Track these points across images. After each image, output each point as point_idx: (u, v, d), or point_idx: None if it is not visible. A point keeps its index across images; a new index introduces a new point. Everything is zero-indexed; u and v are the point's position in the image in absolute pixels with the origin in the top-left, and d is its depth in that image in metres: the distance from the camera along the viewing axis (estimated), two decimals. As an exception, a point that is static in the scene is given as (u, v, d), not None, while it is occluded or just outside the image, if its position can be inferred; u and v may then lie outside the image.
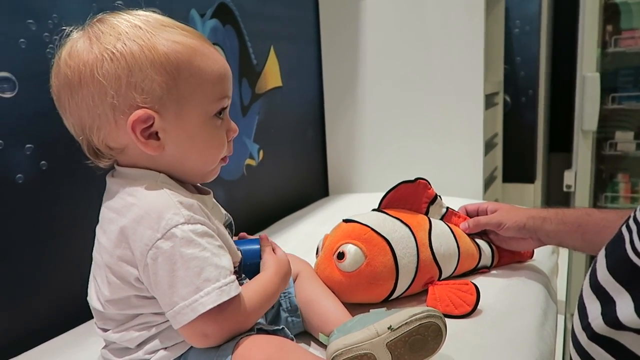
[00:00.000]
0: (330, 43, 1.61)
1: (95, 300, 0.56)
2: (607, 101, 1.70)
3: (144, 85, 0.49)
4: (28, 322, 0.79)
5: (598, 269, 0.45)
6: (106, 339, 0.57)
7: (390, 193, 0.81)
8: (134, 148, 0.52)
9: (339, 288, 0.72)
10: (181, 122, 0.52)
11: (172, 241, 0.48)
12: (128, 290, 0.52)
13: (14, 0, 0.75)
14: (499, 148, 1.83)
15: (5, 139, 0.74)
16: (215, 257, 0.49)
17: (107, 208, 0.54)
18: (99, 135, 0.51)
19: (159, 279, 0.48)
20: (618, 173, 1.86)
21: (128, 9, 0.55)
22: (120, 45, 0.48)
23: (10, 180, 0.75)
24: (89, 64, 0.48)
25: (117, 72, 0.48)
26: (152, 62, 0.49)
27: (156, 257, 0.48)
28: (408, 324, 0.56)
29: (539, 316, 0.74)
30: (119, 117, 0.49)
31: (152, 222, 0.48)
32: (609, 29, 1.71)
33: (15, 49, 0.75)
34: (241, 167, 1.28)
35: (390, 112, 1.55)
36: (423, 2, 1.46)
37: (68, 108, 0.51)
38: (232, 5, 1.22)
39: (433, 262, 0.77)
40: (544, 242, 0.80)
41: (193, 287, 0.47)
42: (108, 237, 0.52)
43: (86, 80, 0.49)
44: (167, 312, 0.49)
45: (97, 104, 0.49)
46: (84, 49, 0.49)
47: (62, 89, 0.51)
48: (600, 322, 0.41)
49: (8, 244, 0.76)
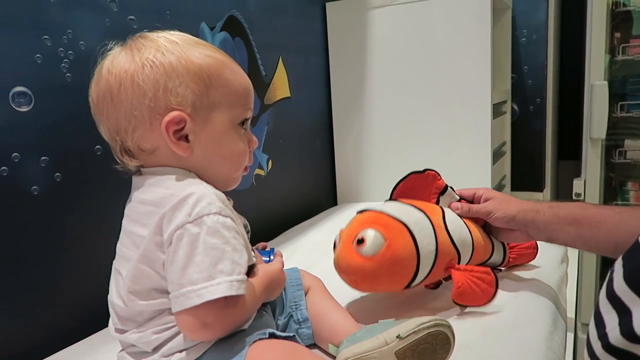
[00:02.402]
0: (338, 53, 1.62)
1: (116, 296, 0.57)
2: (616, 109, 1.70)
3: (179, 90, 0.53)
4: (42, 331, 0.80)
5: (615, 278, 0.44)
6: (123, 341, 0.58)
7: (400, 184, 0.81)
8: (164, 149, 0.55)
9: (362, 275, 0.71)
10: (209, 127, 0.56)
11: (200, 227, 0.50)
12: (153, 279, 0.53)
13: (31, 16, 0.77)
14: (507, 156, 1.83)
15: (21, 151, 0.76)
16: (235, 252, 0.51)
17: (142, 203, 0.55)
18: (133, 137, 0.54)
19: (177, 257, 0.50)
20: (628, 181, 1.85)
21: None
22: (160, 55, 0.54)
23: (26, 192, 0.77)
24: (130, 71, 0.53)
25: (156, 77, 0.53)
26: (188, 71, 0.54)
27: (181, 237, 0.50)
28: (416, 332, 0.57)
29: (548, 326, 0.74)
30: (155, 118, 0.53)
31: (188, 207, 0.51)
32: (617, 36, 1.71)
33: (31, 64, 0.77)
34: (250, 177, 1.29)
35: (398, 121, 1.56)
36: (430, 12, 1.47)
37: (106, 112, 0.55)
38: (241, 17, 1.24)
39: (451, 245, 0.76)
40: (533, 236, 0.79)
41: (206, 274, 0.49)
42: (149, 229, 0.53)
43: (126, 85, 0.53)
44: (172, 293, 0.50)
45: (135, 106, 0.53)
46: (126, 60, 0.54)
47: (102, 95, 0.54)
48: (617, 334, 0.41)
49: (23, 254, 0.77)
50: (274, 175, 1.37)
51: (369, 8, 1.54)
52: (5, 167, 0.74)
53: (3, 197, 0.74)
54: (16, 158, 0.75)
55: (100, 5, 0.88)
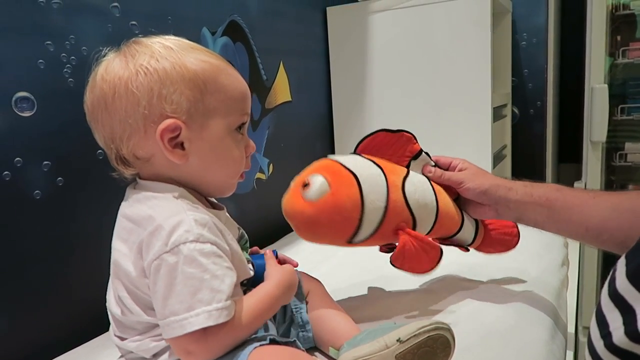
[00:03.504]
0: (339, 57, 1.63)
1: (114, 305, 0.57)
2: (616, 112, 1.70)
3: (174, 97, 0.53)
4: (44, 335, 0.80)
5: (617, 277, 0.44)
6: (123, 348, 0.58)
7: (366, 139, 0.77)
8: (159, 157, 0.55)
9: (302, 219, 0.68)
10: (205, 133, 0.55)
11: (177, 257, 0.50)
12: (145, 301, 0.54)
13: (33, 22, 0.78)
14: (507, 160, 1.83)
15: (24, 156, 0.76)
16: (214, 279, 0.50)
17: (126, 218, 0.56)
18: (128, 145, 0.54)
19: (157, 288, 0.50)
20: (629, 184, 1.84)
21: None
22: (154, 62, 0.53)
23: (29, 196, 0.78)
24: (124, 78, 0.52)
25: (150, 84, 0.52)
26: (182, 77, 0.53)
27: (159, 268, 0.50)
28: (417, 336, 0.57)
29: (549, 329, 0.74)
30: (149, 126, 0.53)
31: (165, 235, 0.50)
32: (617, 39, 1.71)
33: (34, 69, 0.78)
34: (251, 181, 1.30)
35: (398, 125, 1.55)
36: (430, 16, 1.47)
37: (100, 120, 0.54)
38: (242, 22, 1.24)
39: (405, 206, 0.72)
40: (502, 215, 0.76)
41: (186, 304, 0.49)
42: (129, 247, 0.54)
43: (120, 92, 0.52)
44: (159, 322, 0.51)
45: (129, 114, 0.52)
46: (120, 66, 0.53)
47: (96, 102, 0.54)
48: (621, 334, 0.40)
49: (25, 258, 0.78)
50: (275, 179, 1.37)
51: (370, 12, 1.55)
52: (8, 172, 0.75)
53: (5, 202, 0.74)
54: (19, 162, 0.76)
55: (102, 10, 0.89)
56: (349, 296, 0.85)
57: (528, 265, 0.89)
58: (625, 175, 1.85)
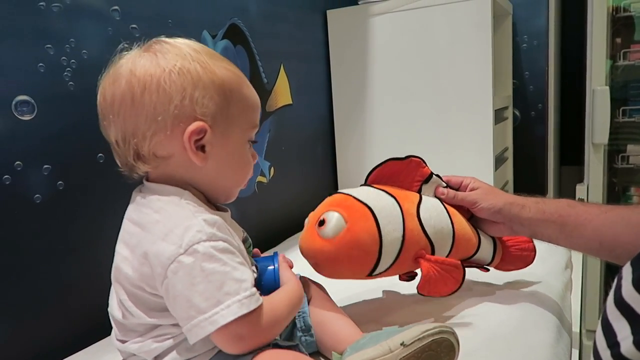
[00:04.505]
0: (339, 60, 1.63)
1: (116, 309, 0.56)
2: (618, 114, 1.69)
3: (204, 101, 0.53)
4: (44, 339, 0.80)
5: (623, 285, 0.43)
6: (124, 351, 0.57)
7: (376, 170, 0.77)
8: (178, 158, 0.54)
9: (321, 257, 0.68)
10: (225, 140, 0.56)
11: (194, 256, 0.49)
12: (146, 303, 0.53)
13: (33, 25, 0.77)
14: (509, 162, 1.83)
15: (24, 160, 0.76)
16: (235, 271, 0.50)
17: (131, 221, 0.55)
18: (151, 142, 0.53)
19: (177, 292, 0.49)
20: (631, 186, 1.84)
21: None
22: (187, 63, 0.53)
23: (29, 200, 0.77)
24: (157, 75, 0.52)
25: (183, 84, 0.52)
26: (212, 82, 0.54)
27: (177, 271, 0.49)
28: (421, 339, 0.57)
29: (553, 333, 0.73)
30: (177, 126, 0.53)
31: (176, 238, 0.50)
32: (618, 42, 1.71)
33: (34, 73, 0.78)
34: (253, 184, 1.29)
35: (399, 128, 1.56)
36: (431, 19, 1.47)
37: (123, 114, 0.53)
38: (243, 25, 1.24)
39: (422, 233, 0.72)
40: (517, 232, 0.77)
41: (214, 300, 0.48)
42: (131, 251, 0.53)
43: (151, 89, 0.52)
44: (183, 327, 0.50)
45: (159, 112, 0.52)
46: (151, 63, 0.53)
47: (120, 96, 0.52)
48: (629, 343, 0.40)
49: (25, 262, 0.77)
50: (276, 182, 1.37)
51: (370, 15, 1.55)
52: (8, 176, 0.74)
53: (6, 206, 0.74)
54: (19, 166, 0.76)
55: (102, 14, 0.88)
56: (352, 301, 0.84)
57: (531, 269, 0.88)
58: (628, 177, 1.84)
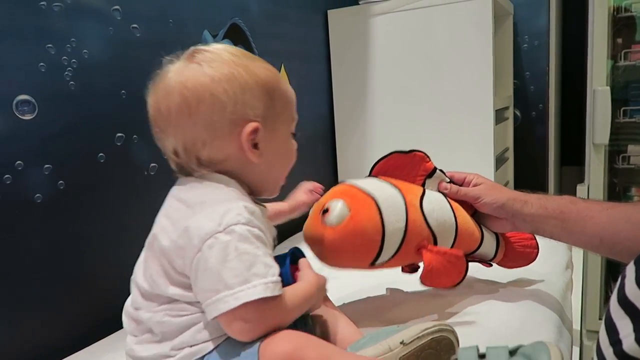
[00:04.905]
0: (340, 60, 1.63)
1: (140, 276, 0.58)
2: (619, 114, 1.69)
3: (253, 102, 0.56)
4: (45, 339, 0.80)
5: (627, 283, 0.44)
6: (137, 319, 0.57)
7: (381, 162, 0.78)
8: (233, 158, 0.58)
9: (325, 245, 0.69)
10: (273, 135, 0.59)
11: (231, 236, 0.51)
12: (170, 275, 0.54)
13: (34, 25, 0.78)
14: (510, 162, 1.83)
15: (25, 159, 0.76)
16: (266, 257, 0.53)
17: (177, 199, 0.58)
18: (212, 147, 0.56)
19: (209, 265, 0.51)
20: (632, 187, 1.84)
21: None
22: (232, 69, 0.56)
23: (30, 200, 0.77)
24: (207, 85, 0.55)
25: (233, 90, 0.55)
26: (257, 84, 0.57)
27: (212, 246, 0.51)
28: (420, 338, 0.57)
29: (554, 333, 0.73)
30: (233, 130, 0.56)
31: (217, 217, 0.52)
32: (619, 42, 1.71)
33: (35, 73, 0.78)
34: (253, 184, 1.29)
35: (400, 128, 1.56)
36: (432, 19, 1.47)
37: (182, 125, 0.56)
38: (244, 25, 1.24)
39: (424, 225, 0.73)
40: (519, 228, 0.78)
41: (242, 278, 0.50)
42: (173, 224, 0.55)
43: (205, 99, 0.54)
44: (207, 300, 0.51)
45: (216, 119, 0.55)
46: (199, 74, 0.55)
47: (176, 108, 0.55)
48: (632, 341, 0.40)
49: (26, 262, 0.77)
50: (276, 182, 1.36)
51: (371, 15, 1.55)
52: (9, 175, 0.74)
53: (7, 205, 0.74)
54: (20, 166, 0.76)
55: (103, 13, 0.89)
56: (355, 298, 0.84)
57: (533, 268, 0.88)
58: (628, 177, 1.84)
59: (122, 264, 0.93)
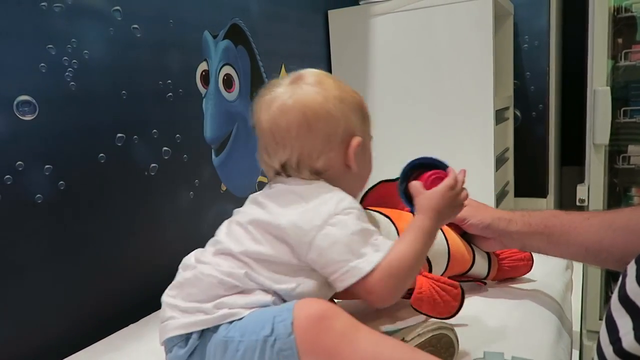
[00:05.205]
0: (340, 60, 1.63)
1: (234, 243, 0.61)
2: (619, 115, 1.69)
3: (356, 120, 0.66)
4: (44, 340, 0.80)
5: (627, 282, 0.44)
6: (173, 303, 0.59)
7: (369, 192, 0.80)
8: (336, 168, 0.65)
9: None
10: (365, 147, 0.67)
11: (349, 215, 0.60)
12: (283, 255, 0.59)
13: (35, 25, 0.78)
14: (510, 163, 1.83)
15: (25, 160, 0.76)
16: (375, 232, 0.61)
17: (289, 190, 0.63)
18: (324, 158, 0.64)
19: (335, 239, 0.58)
20: (632, 187, 1.84)
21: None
22: (340, 92, 0.65)
23: (30, 200, 0.78)
24: (323, 104, 0.63)
25: (343, 110, 0.64)
26: (357, 104, 0.67)
27: (335, 224, 0.58)
28: (421, 335, 0.59)
29: (553, 333, 0.73)
30: (342, 143, 0.64)
31: (333, 203, 0.60)
32: (619, 42, 1.71)
33: (35, 73, 0.78)
34: (254, 185, 1.29)
35: (400, 129, 1.56)
36: (432, 19, 1.47)
37: (302, 138, 0.63)
38: (244, 26, 1.24)
39: None
40: (508, 245, 0.80)
41: (369, 248, 0.58)
42: (288, 209, 0.61)
43: (322, 115, 0.63)
44: (341, 269, 0.57)
45: (332, 134, 0.63)
46: (313, 93, 0.63)
47: (295, 124, 0.62)
48: (631, 339, 0.41)
49: (27, 262, 0.78)
50: (276, 183, 1.37)
51: (371, 15, 1.55)
52: (10, 176, 0.75)
53: (7, 206, 0.74)
54: (20, 166, 0.76)
55: (104, 14, 0.89)
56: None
57: (532, 269, 0.88)
58: (628, 178, 1.84)
59: (122, 264, 0.93)
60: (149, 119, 0.98)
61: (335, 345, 0.52)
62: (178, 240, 1.05)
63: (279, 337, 0.53)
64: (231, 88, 1.21)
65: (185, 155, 1.06)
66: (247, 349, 0.54)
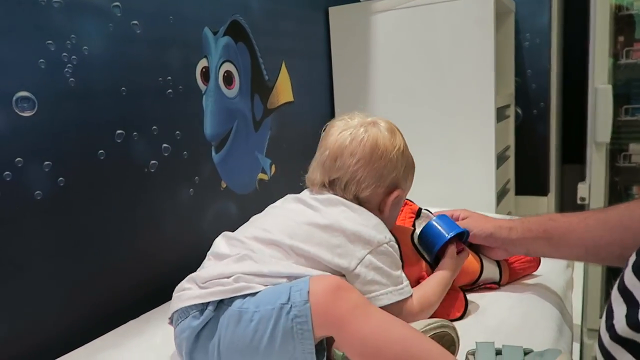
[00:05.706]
0: (341, 58, 1.63)
1: (286, 235, 0.67)
2: (620, 113, 1.69)
3: (405, 175, 0.76)
4: (43, 337, 0.80)
5: (626, 272, 0.45)
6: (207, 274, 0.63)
7: None
8: (372, 205, 0.74)
9: None
10: (399, 201, 0.78)
11: (392, 248, 0.70)
12: (324, 256, 0.65)
13: (34, 21, 0.77)
14: (511, 161, 1.82)
15: (24, 156, 0.76)
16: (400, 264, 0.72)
17: (341, 202, 0.72)
18: (369, 191, 0.73)
19: (380, 265, 0.67)
20: (633, 185, 1.83)
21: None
22: (404, 148, 0.76)
23: (30, 197, 0.77)
24: (389, 148, 0.73)
25: (400, 160, 0.74)
26: (411, 163, 0.78)
27: (382, 252, 0.68)
28: (423, 333, 0.59)
29: (554, 331, 0.73)
30: (387, 187, 0.74)
31: (383, 230, 0.70)
32: (621, 40, 1.70)
33: (34, 69, 0.77)
34: (254, 182, 1.29)
35: (401, 127, 1.55)
36: (433, 16, 1.47)
37: (359, 167, 0.72)
38: (244, 22, 1.24)
39: (417, 255, 0.79)
40: (513, 252, 0.82)
41: (401, 278, 0.69)
42: (345, 220, 0.68)
43: (384, 157, 0.73)
44: (380, 290, 0.66)
45: (384, 175, 0.73)
46: (387, 139, 0.74)
47: (361, 154, 0.72)
48: (623, 324, 0.41)
49: (26, 258, 0.77)
50: (277, 180, 1.36)
51: (372, 12, 1.55)
52: (9, 172, 0.74)
53: (6, 202, 0.74)
54: (19, 163, 0.76)
55: (103, 10, 0.88)
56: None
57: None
58: (630, 176, 1.84)
59: (122, 261, 0.93)
60: (149, 116, 0.98)
61: (348, 314, 0.55)
62: (177, 237, 1.05)
63: (295, 304, 0.56)
64: (231, 85, 1.21)
65: (185, 152, 1.06)
66: (261, 318, 0.56)
